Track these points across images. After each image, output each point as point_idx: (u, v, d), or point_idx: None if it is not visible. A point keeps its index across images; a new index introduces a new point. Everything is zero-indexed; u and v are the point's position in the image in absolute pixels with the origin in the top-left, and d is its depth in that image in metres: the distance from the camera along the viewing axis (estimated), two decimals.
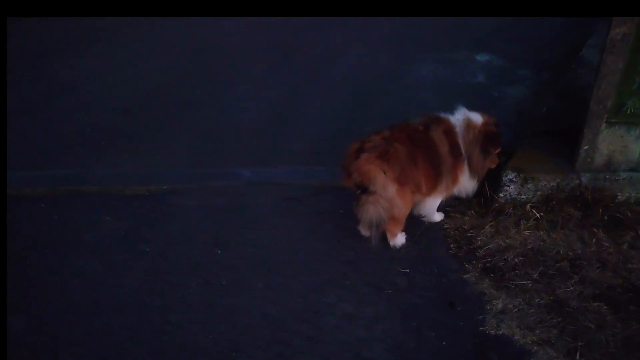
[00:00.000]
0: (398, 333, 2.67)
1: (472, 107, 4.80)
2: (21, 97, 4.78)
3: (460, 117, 3.22)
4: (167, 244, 3.20)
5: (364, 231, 3.13)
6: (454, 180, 3.22)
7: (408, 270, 3.04)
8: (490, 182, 3.36)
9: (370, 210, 2.92)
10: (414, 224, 3.37)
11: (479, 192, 3.42)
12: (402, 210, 3.06)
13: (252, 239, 3.25)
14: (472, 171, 3.22)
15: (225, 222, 3.39)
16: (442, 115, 3.25)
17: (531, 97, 5.04)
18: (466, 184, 3.27)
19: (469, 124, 3.20)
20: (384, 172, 2.89)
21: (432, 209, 3.35)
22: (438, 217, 3.41)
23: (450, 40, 6.45)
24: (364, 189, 2.92)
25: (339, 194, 3.66)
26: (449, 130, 3.16)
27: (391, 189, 2.93)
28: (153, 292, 2.87)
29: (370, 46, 6.27)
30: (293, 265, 3.07)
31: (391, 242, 3.18)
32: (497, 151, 3.27)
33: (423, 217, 3.38)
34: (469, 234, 3.26)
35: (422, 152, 3.07)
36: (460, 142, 3.18)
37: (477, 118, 3.22)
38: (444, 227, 3.36)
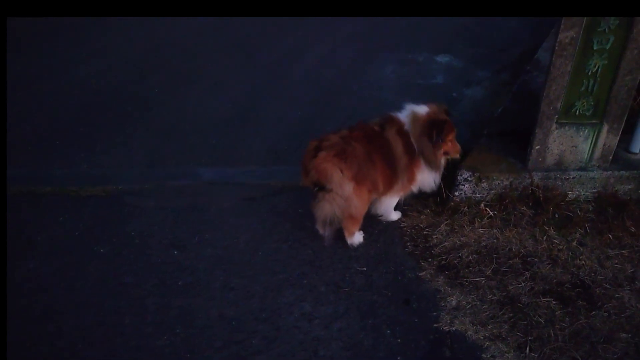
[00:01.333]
0: (355, 331, 2.70)
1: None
2: None
3: (407, 113, 3.19)
4: (123, 245, 3.15)
5: (320, 229, 3.14)
6: (411, 179, 3.23)
7: (365, 269, 3.08)
8: (445, 181, 3.42)
9: (326, 208, 2.94)
10: (372, 223, 3.41)
11: (435, 191, 3.48)
12: (358, 208, 3.09)
13: (210, 240, 3.23)
14: (427, 163, 3.19)
15: (182, 222, 3.36)
16: (395, 114, 3.23)
17: (489, 98, 5.15)
18: (427, 178, 3.27)
19: (414, 118, 3.17)
20: (341, 171, 2.92)
21: (389, 208, 3.40)
22: (395, 215, 3.45)
23: (412, 41, 6.53)
24: (321, 187, 2.94)
25: (298, 193, 3.68)
26: (401, 129, 3.16)
27: (348, 187, 2.95)
28: (107, 294, 2.83)
29: (333, 46, 6.30)
30: (251, 265, 3.07)
31: (349, 241, 3.21)
32: (449, 137, 3.20)
33: (380, 216, 3.42)
34: (425, 232, 3.31)
35: (379, 152, 3.10)
36: (411, 138, 3.16)
37: (422, 110, 3.18)
38: (401, 225, 3.41)
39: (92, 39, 5.97)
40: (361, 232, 3.28)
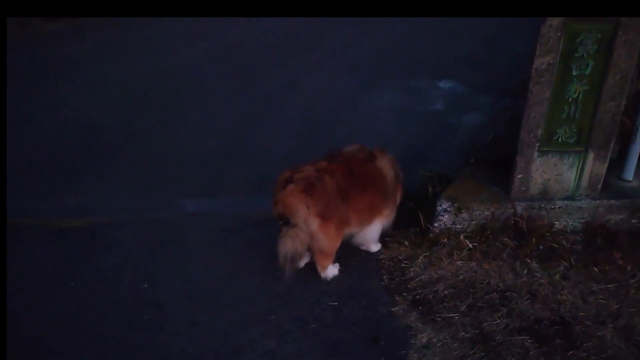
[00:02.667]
0: None
1: (428, 135, 4.87)
2: None
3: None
4: (94, 278, 3.14)
5: (281, 265, 2.96)
6: (394, 205, 3.28)
7: (337, 303, 2.98)
8: (425, 212, 3.33)
9: (288, 244, 2.87)
10: (350, 254, 3.32)
11: (415, 222, 3.38)
12: (327, 244, 3.01)
13: (182, 273, 3.19)
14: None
15: (157, 255, 3.34)
16: (379, 146, 3.32)
17: (487, 124, 5.04)
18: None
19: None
20: (307, 207, 2.86)
21: (373, 237, 3.31)
22: (375, 247, 3.36)
23: (415, 68, 6.50)
24: (286, 221, 2.88)
25: (276, 223, 3.62)
26: (392, 159, 3.28)
27: (313, 224, 2.89)
28: (71, 328, 2.80)
29: (332, 75, 6.30)
30: (219, 300, 3.01)
31: (322, 275, 3.13)
32: None
33: (362, 246, 3.34)
34: (403, 265, 3.21)
35: (363, 183, 3.07)
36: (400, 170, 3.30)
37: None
38: (380, 257, 3.31)
39: (92, 73, 6.10)
40: (336, 264, 3.20)
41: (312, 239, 2.91)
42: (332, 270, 3.16)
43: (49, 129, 4.83)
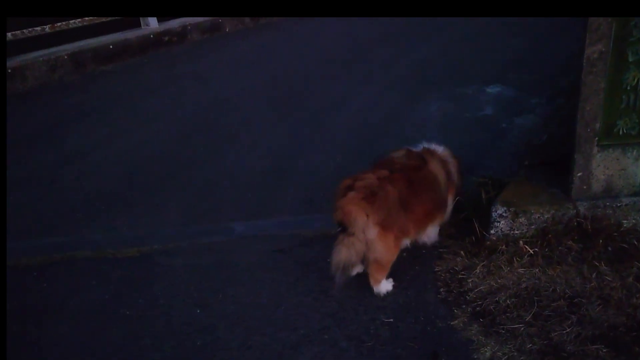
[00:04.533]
0: None
1: (479, 141, 4.71)
2: (29, 169, 4.96)
3: (441, 148, 3.34)
4: (148, 306, 3.15)
5: (333, 273, 2.88)
6: (446, 206, 3.25)
7: (392, 320, 2.86)
8: (479, 219, 3.17)
9: (342, 252, 2.80)
10: (405, 268, 3.20)
11: (470, 231, 3.23)
12: (384, 255, 2.91)
13: (233, 296, 3.15)
14: (456, 195, 3.33)
15: (209, 279, 3.32)
16: (431, 146, 3.34)
17: (540, 126, 4.82)
18: (449, 207, 3.31)
19: (452, 155, 3.36)
20: (366, 215, 2.79)
21: (430, 240, 3.29)
22: (437, 239, 3.35)
23: (461, 75, 6.35)
24: (344, 229, 2.83)
25: (327, 242, 3.55)
26: (442, 160, 3.25)
27: (372, 232, 2.81)
28: (125, 358, 2.80)
29: (378, 89, 6.24)
30: (272, 321, 2.94)
31: (375, 289, 3.02)
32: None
33: (423, 243, 3.30)
34: (460, 276, 3.05)
35: (424, 189, 3.04)
36: (451, 168, 3.29)
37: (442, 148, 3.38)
38: (435, 269, 3.17)
39: (142, 108, 6.28)
40: (390, 280, 3.08)
41: (369, 249, 2.83)
42: (385, 286, 3.04)
43: (103, 164, 4.98)
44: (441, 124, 5.16)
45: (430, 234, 3.26)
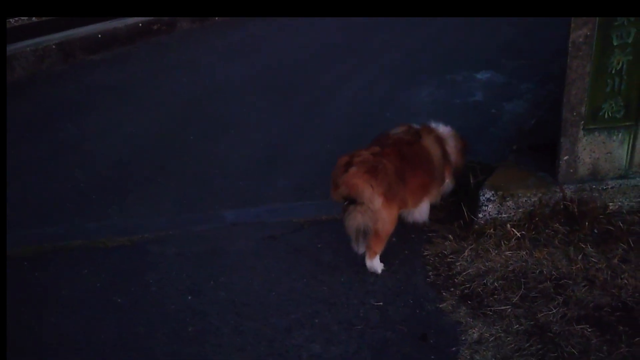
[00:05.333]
0: None
1: (468, 126, 4.73)
2: (20, 160, 4.94)
3: (442, 127, 3.50)
4: (140, 294, 3.17)
5: (353, 241, 3.04)
6: (442, 183, 3.35)
7: (382, 303, 2.90)
8: (468, 203, 3.20)
9: (358, 218, 2.90)
10: (394, 253, 3.24)
11: (458, 215, 3.27)
12: (386, 225, 3.02)
13: (225, 283, 3.19)
14: (455, 173, 3.44)
15: (201, 267, 3.35)
16: (430, 125, 3.49)
17: (529, 111, 4.85)
18: (448, 185, 3.45)
19: (454, 134, 3.48)
20: (372, 187, 2.91)
21: (422, 216, 3.38)
22: (427, 219, 3.41)
23: (452, 62, 6.35)
24: (352, 201, 2.92)
25: (318, 228, 3.60)
26: (438, 137, 3.37)
27: (378, 203, 2.93)
28: (121, 345, 2.83)
29: (370, 78, 6.22)
30: (263, 307, 2.98)
31: (368, 264, 3.10)
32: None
33: (413, 222, 3.38)
34: (448, 260, 3.10)
35: (415, 163, 3.15)
36: (447, 148, 3.38)
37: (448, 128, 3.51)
38: (424, 253, 3.21)
39: (138, 96, 6.25)
40: (382, 263, 3.13)
41: (375, 217, 2.93)
42: (378, 263, 3.11)
43: (95, 154, 4.96)
44: (432, 110, 5.17)
45: (422, 210, 3.34)
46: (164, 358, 2.72)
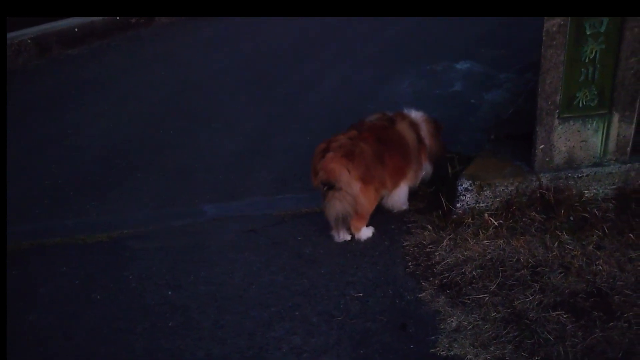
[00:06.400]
0: None
1: (448, 116, 4.76)
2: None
3: (414, 113, 3.53)
4: (120, 290, 3.15)
5: (333, 228, 3.20)
6: (420, 167, 3.41)
7: (362, 294, 2.92)
8: (446, 193, 3.23)
9: (337, 205, 3.01)
10: (374, 244, 3.26)
11: (437, 205, 3.29)
12: (365, 207, 3.14)
13: (205, 277, 3.18)
14: (433, 156, 3.49)
15: (181, 262, 3.33)
16: (404, 111, 3.54)
17: (508, 101, 4.88)
18: (427, 168, 3.51)
19: (427, 119, 3.53)
20: (348, 171, 3.01)
21: (401, 200, 3.43)
22: (405, 206, 3.48)
23: (431, 52, 6.36)
24: (331, 186, 3.01)
25: (299, 221, 3.60)
26: (412, 123, 3.44)
27: (355, 187, 3.04)
28: (99, 341, 2.81)
29: (351, 68, 6.23)
30: (244, 300, 2.98)
31: (357, 236, 3.26)
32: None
33: (392, 209, 3.45)
34: (427, 250, 3.12)
35: (390, 147, 3.23)
36: (422, 132, 3.45)
37: (420, 114, 3.56)
38: (404, 244, 3.23)
39: (115, 91, 6.18)
40: (371, 227, 3.30)
41: (354, 201, 3.04)
42: (366, 232, 3.26)
43: (73, 149, 4.90)
44: (412, 100, 5.18)
45: (401, 194, 3.39)
46: (144, 353, 2.71)
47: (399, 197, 3.40)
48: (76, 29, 7.11)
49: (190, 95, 5.93)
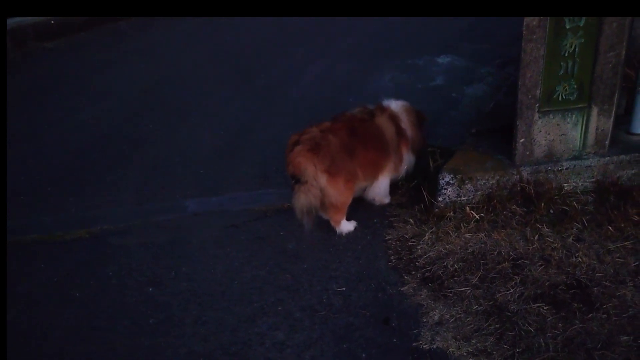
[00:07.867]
0: (329, 358, 2.54)
1: (430, 110, 4.77)
2: None
3: (394, 104, 3.52)
4: (100, 287, 3.11)
5: (300, 219, 3.17)
6: (400, 159, 3.40)
7: (345, 289, 2.92)
8: (428, 187, 3.23)
9: (301, 199, 3.03)
10: (356, 238, 3.26)
11: (419, 199, 3.30)
12: (337, 198, 3.15)
13: (187, 273, 3.15)
14: (414, 146, 3.48)
15: (162, 258, 3.30)
16: (384, 104, 3.52)
17: (489, 95, 4.91)
18: (409, 159, 3.49)
19: (406, 109, 3.53)
20: (314, 165, 3.04)
21: (382, 192, 3.45)
22: (387, 199, 3.51)
23: (413, 46, 6.38)
24: (297, 180, 3.04)
25: (281, 216, 3.58)
26: (392, 115, 3.43)
27: (322, 179, 3.07)
28: (78, 340, 2.77)
29: (332, 61, 6.21)
30: (226, 296, 2.96)
31: (337, 230, 3.28)
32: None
33: (374, 201, 3.48)
34: (410, 244, 3.13)
35: (365, 139, 3.25)
36: (402, 124, 3.44)
37: (401, 103, 3.56)
38: (386, 238, 3.24)
39: (93, 85, 6.08)
40: (353, 221, 3.32)
41: (323, 194, 3.06)
42: (346, 226, 3.28)
43: (51, 145, 4.82)
44: (394, 94, 5.17)
45: (382, 186, 3.41)
46: (125, 352, 2.67)
47: (379, 189, 3.42)
48: (52, 22, 6.98)
49: (169, 88, 5.87)
